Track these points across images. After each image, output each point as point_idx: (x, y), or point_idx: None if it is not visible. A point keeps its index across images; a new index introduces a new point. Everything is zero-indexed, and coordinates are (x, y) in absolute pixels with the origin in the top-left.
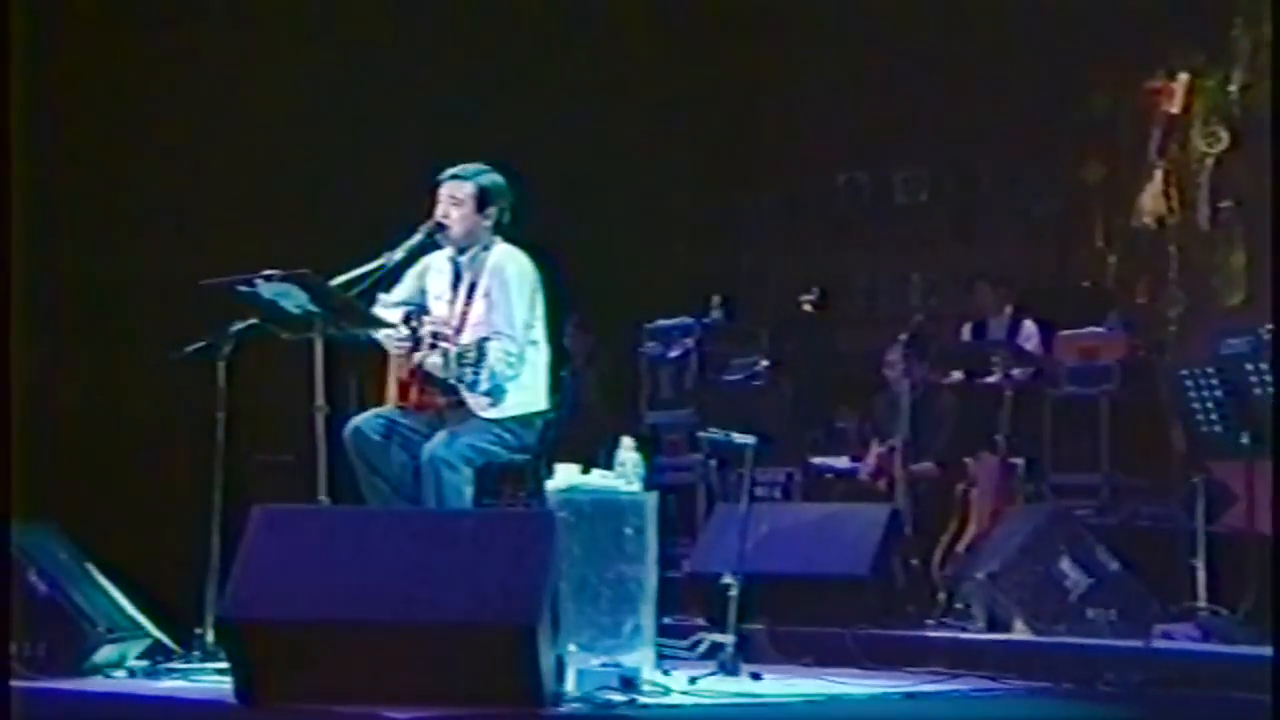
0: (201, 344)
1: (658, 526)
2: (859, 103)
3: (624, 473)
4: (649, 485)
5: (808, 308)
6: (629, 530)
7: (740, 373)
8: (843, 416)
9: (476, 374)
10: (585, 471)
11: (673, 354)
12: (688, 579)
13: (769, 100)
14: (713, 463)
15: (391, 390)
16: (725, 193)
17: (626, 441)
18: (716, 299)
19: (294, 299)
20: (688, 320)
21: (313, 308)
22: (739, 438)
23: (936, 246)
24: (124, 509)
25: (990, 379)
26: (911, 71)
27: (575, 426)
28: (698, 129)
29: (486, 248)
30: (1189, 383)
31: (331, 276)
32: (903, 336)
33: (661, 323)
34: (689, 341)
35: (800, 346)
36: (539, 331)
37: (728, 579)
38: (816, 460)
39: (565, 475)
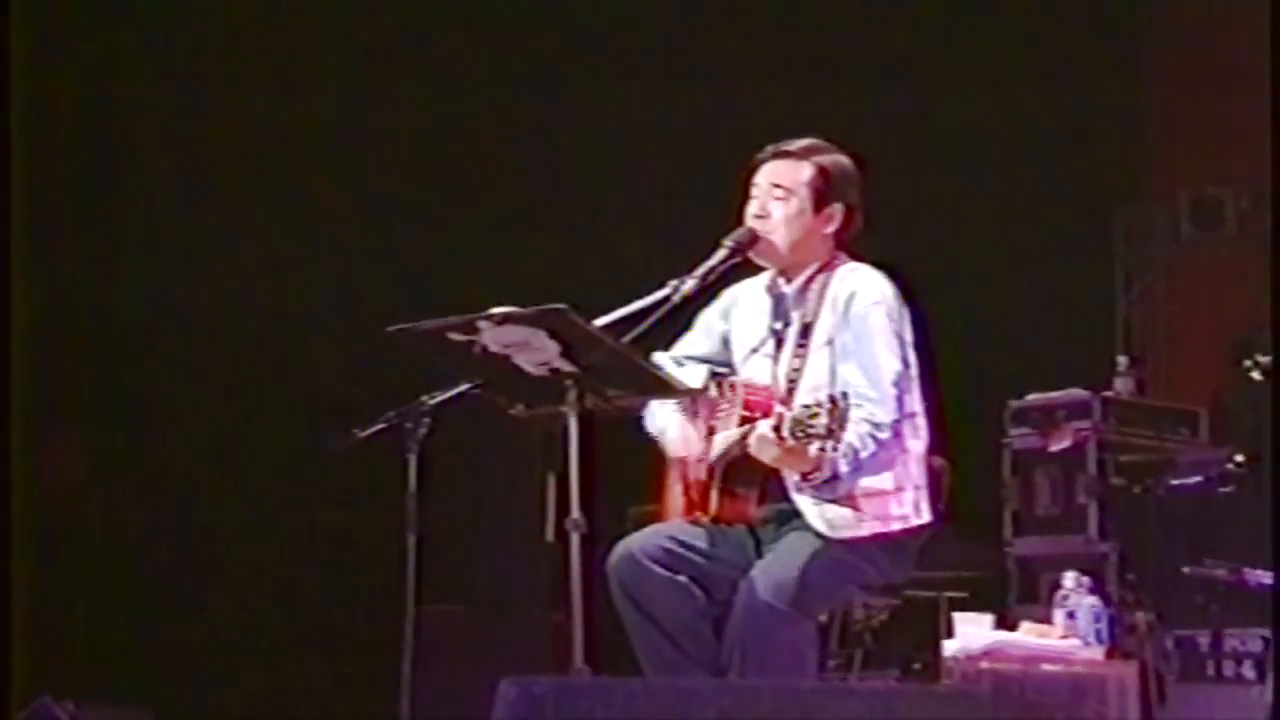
0: (384, 423)
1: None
2: None
3: (1077, 627)
4: None
5: (1256, 374)
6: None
7: (1195, 473)
8: None
9: (833, 448)
10: (1006, 625)
11: (1057, 446)
12: None
13: (1167, 71)
14: (1146, 616)
15: (676, 495)
16: (1108, 200)
17: (1072, 579)
18: (1123, 361)
19: (535, 352)
20: (1079, 393)
21: (564, 365)
22: (1257, 575)
23: None
24: (245, 683)
25: None
26: None
27: None
28: (1069, 118)
29: (827, 268)
30: None
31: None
32: None
33: (1036, 398)
34: (1084, 425)
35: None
36: (915, 400)
37: None
38: None
39: (975, 631)
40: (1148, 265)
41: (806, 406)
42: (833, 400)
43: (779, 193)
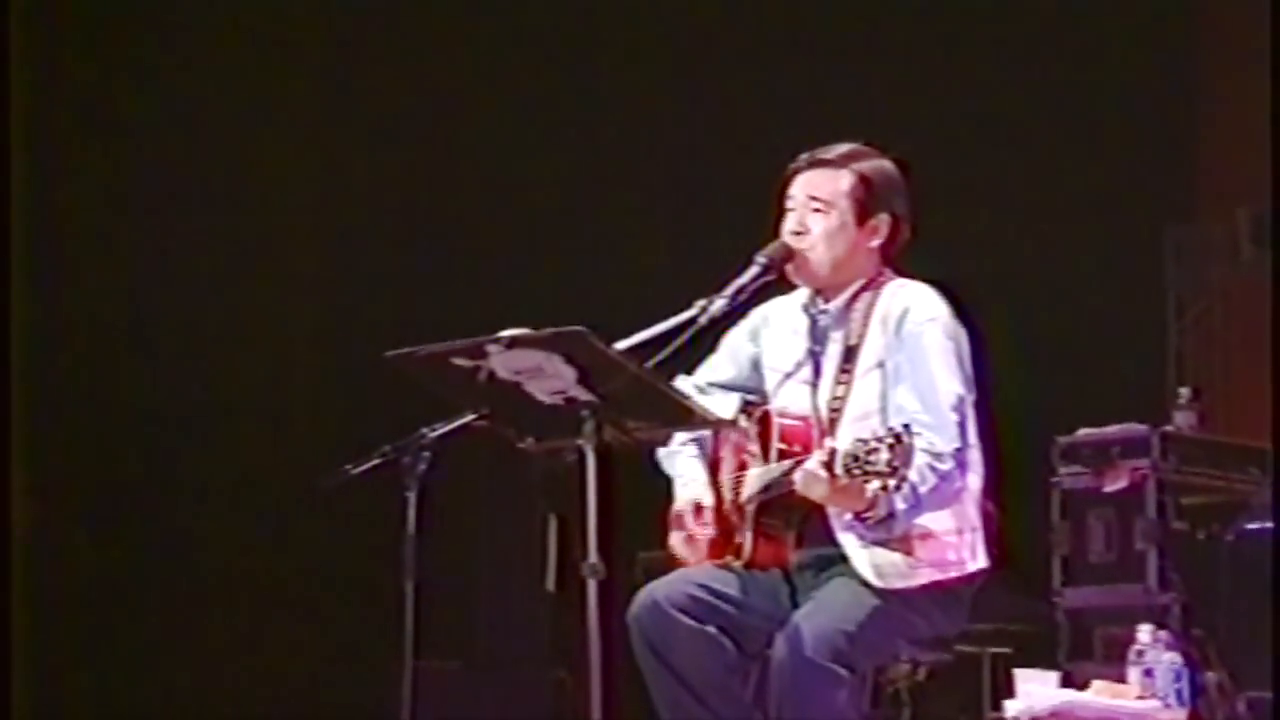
0: (380, 458)
1: None
2: None
3: (1155, 686)
4: None
5: None
6: None
7: (1269, 517)
8: None
9: (895, 487)
10: (1074, 684)
11: (1112, 486)
12: None
13: (1222, 77)
14: (1216, 675)
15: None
16: (1157, 219)
17: (1147, 632)
18: (1184, 393)
19: (549, 379)
20: (1136, 429)
21: (581, 393)
22: None
23: None
24: None
25: None
26: None
27: None
28: (1115, 130)
29: (872, 285)
30: None
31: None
32: None
33: (1088, 433)
34: (1141, 464)
35: None
36: (971, 432)
37: None
38: None
39: (1040, 690)
40: (1203, 289)
41: (863, 440)
42: (895, 435)
43: (817, 205)
